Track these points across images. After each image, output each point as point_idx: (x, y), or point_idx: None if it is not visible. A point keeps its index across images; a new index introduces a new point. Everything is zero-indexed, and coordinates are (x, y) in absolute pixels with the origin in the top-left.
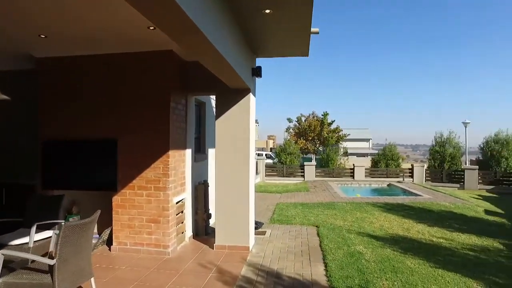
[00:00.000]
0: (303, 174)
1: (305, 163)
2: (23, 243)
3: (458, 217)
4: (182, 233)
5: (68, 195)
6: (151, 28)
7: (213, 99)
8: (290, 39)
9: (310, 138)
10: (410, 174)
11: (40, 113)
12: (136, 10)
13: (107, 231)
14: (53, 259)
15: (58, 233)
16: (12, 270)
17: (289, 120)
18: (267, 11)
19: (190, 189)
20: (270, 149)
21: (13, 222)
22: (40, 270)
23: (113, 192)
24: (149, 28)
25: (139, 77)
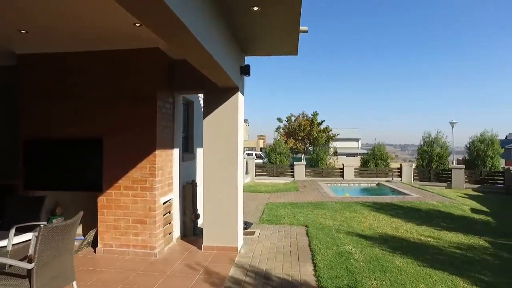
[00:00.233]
0: (293, 173)
1: (295, 162)
2: (1, 247)
3: (445, 215)
4: (169, 234)
5: (52, 196)
6: (137, 25)
7: (201, 98)
8: (279, 37)
9: (300, 138)
10: (399, 174)
11: (21, 111)
12: (119, 5)
13: (92, 233)
14: (32, 263)
15: (37, 235)
16: None
17: (279, 120)
18: (255, 8)
19: (177, 189)
20: (260, 149)
21: None
22: (17, 275)
23: (98, 193)
24: (135, 24)
25: (125, 75)
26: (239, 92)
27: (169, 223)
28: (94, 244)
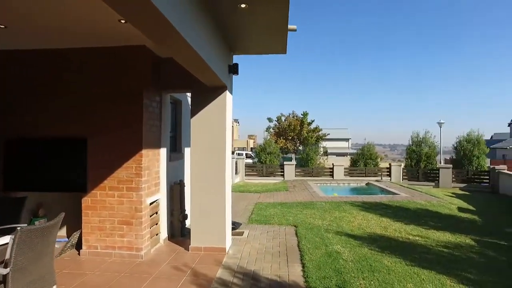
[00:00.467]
0: (283, 173)
1: (285, 162)
2: None
3: (433, 214)
4: (156, 235)
5: (35, 197)
6: (122, 21)
7: (189, 97)
8: (267, 35)
9: (290, 137)
10: (388, 173)
11: (1, 110)
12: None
13: (76, 234)
14: (7, 267)
15: (14, 239)
16: None
17: (269, 120)
18: (242, 5)
19: (165, 189)
20: (251, 149)
21: None
22: None
23: (82, 193)
24: (119, 21)
25: (110, 73)
26: (227, 91)
27: (156, 224)
28: (78, 246)
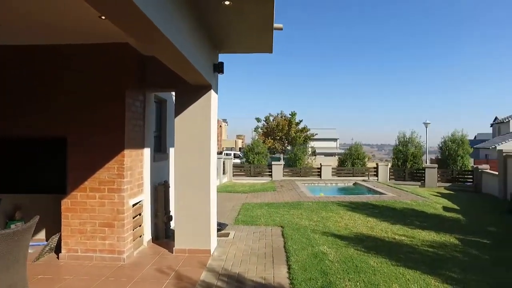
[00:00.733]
0: (271, 173)
1: (273, 162)
2: None
3: (419, 214)
4: (140, 237)
5: (11, 199)
6: (103, 17)
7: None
8: (252, 34)
9: (278, 137)
10: (375, 173)
11: None
12: None
13: (55, 238)
14: None
15: None
16: None
17: (258, 120)
18: (226, 2)
19: (149, 190)
20: (239, 149)
21: None
22: None
23: (62, 195)
24: (100, 17)
25: (92, 71)
26: (212, 90)
27: (140, 226)
28: (57, 249)
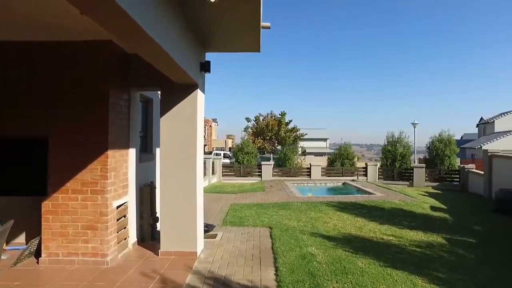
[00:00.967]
0: (260, 173)
1: (262, 162)
2: None
3: (407, 214)
4: (124, 239)
5: None
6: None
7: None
8: (239, 32)
9: (267, 137)
10: (364, 173)
11: None
12: None
13: (35, 241)
14: None
15: None
16: None
17: (248, 120)
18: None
19: (134, 191)
20: (229, 149)
21: None
22: None
23: (43, 197)
24: (82, 13)
25: (74, 70)
26: (198, 89)
27: (124, 228)
28: (38, 253)
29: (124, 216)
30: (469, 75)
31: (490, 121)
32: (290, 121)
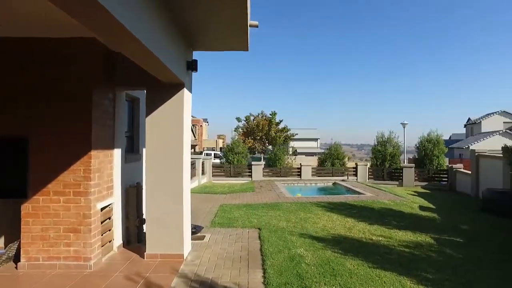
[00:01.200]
0: (250, 174)
1: (253, 162)
2: None
3: (396, 214)
4: (109, 242)
5: None
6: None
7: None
8: (227, 31)
9: (258, 137)
10: (355, 173)
11: None
12: None
13: (13, 246)
14: None
15: None
16: None
17: (238, 120)
18: None
19: (119, 193)
20: (220, 149)
21: None
22: None
23: (22, 199)
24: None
25: (56, 67)
26: (185, 88)
27: (109, 231)
28: (17, 258)
29: (109, 218)
30: (459, 76)
31: (477, 122)
32: (281, 121)
